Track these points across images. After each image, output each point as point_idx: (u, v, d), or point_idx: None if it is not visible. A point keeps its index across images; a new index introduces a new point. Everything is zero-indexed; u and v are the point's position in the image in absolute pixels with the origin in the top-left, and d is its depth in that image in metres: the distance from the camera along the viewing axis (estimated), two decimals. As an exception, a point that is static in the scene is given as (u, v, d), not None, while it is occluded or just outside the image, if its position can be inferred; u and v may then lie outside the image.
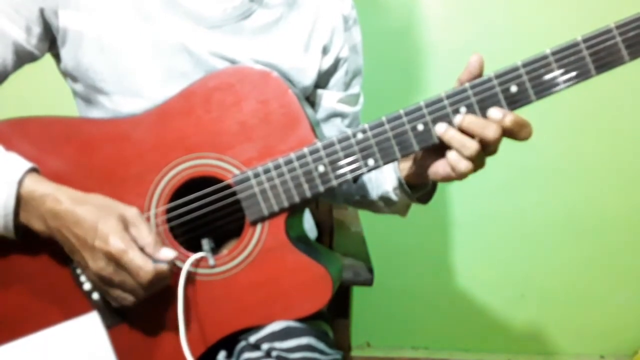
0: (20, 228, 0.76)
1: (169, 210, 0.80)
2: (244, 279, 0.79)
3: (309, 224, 1.08)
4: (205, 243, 0.79)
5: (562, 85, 0.70)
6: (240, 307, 0.79)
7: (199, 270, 0.79)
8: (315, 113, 0.95)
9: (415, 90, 1.66)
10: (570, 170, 1.72)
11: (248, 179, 0.77)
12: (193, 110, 0.78)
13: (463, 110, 0.72)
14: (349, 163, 0.76)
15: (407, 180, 0.83)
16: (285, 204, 0.77)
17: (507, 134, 0.71)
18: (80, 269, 0.78)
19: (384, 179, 0.88)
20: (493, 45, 1.59)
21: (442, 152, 0.74)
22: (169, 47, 0.85)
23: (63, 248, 0.76)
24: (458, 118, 0.71)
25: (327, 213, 1.24)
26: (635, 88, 1.63)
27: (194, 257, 0.78)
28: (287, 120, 0.77)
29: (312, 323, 0.83)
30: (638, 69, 0.78)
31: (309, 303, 0.79)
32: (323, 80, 0.95)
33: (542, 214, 1.75)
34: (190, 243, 0.81)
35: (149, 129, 0.79)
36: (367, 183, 0.93)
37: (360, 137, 0.75)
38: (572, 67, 0.69)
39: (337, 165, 0.76)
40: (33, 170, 0.76)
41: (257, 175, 0.77)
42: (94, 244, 0.71)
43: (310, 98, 0.96)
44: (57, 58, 0.90)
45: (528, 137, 0.71)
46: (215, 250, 0.81)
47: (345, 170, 0.76)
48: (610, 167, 1.71)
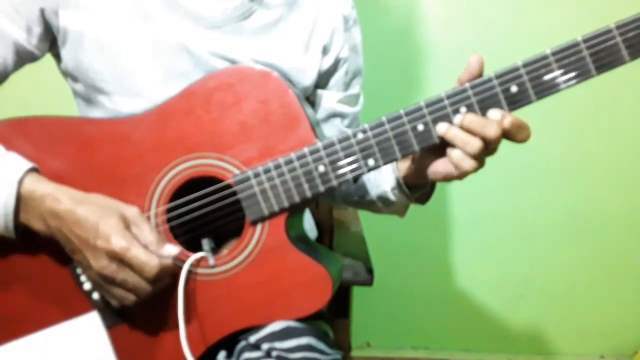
0: (21, 228, 0.76)
1: (169, 210, 0.80)
2: (244, 279, 0.79)
3: (309, 224, 1.08)
4: (206, 243, 0.79)
5: (562, 86, 0.70)
6: (240, 307, 0.79)
7: (199, 270, 0.79)
8: (315, 113, 0.95)
9: (415, 90, 1.66)
10: (570, 170, 1.72)
11: (248, 179, 0.77)
12: (193, 110, 0.78)
13: (463, 110, 0.71)
14: (349, 163, 0.76)
15: (405, 181, 0.83)
16: (286, 204, 0.77)
17: (505, 136, 0.71)
18: (81, 269, 0.78)
19: (383, 179, 0.88)
20: (493, 45, 1.59)
21: (441, 152, 0.74)
22: (169, 47, 0.85)
23: (63, 248, 0.76)
24: (458, 118, 0.71)
25: (327, 213, 1.24)
26: (635, 88, 1.63)
27: (194, 257, 0.78)
28: (287, 120, 0.77)
29: (312, 323, 0.83)
30: (638, 69, 0.78)
31: (309, 303, 0.79)
32: (323, 81, 0.95)
33: (542, 214, 1.75)
34: (191, 243, 0.81)
35: (149, 129, 0.79)
36: (366, 183, 0.93)
37: (361, 137, 0.75)
38: (572, 67, 0.69)
39: (337, 165, 0.76)
40: (33, 170, 0.76)
41: (257, 175, 0.77)
42: (96, 244, 0.71)
43: (310, 98, 0.96)
44: (57, 58, 0.90)
45: (526, 139, 0.71)
46: (216, 250, 0.81)
47: (346, 170, 0.76)
48: (610, 167, 1.71)
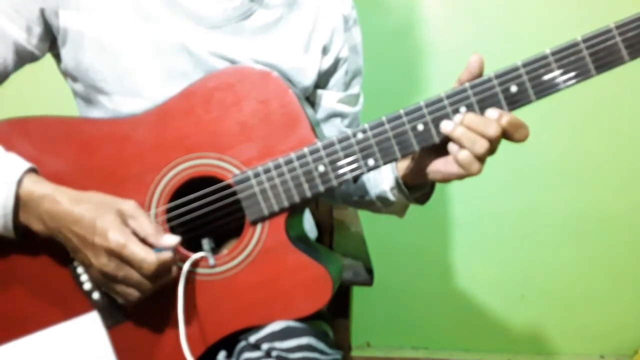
0: (20, 228, 0.76)
1: (169, 210, 0.80)
2: (244, 279, 0.79)
3: (309, 224, 1.08)
4: (206, 243, 0.79)
5: (562, 85, 0.70)
6: (240, 307, 0.79)
7: (199, 270, 0.79)
8: (315, 113, 0.95)
9: (415, 90, 1.66)
10: (570, 171, 1.72)
11: (248, 179, 0.77)
12: (193, 110, 0.78)
13: (463, 110, 0.71)
14: (349, 163, 0.76)
15: (405, 181, 0.83)
16: (286, 204, 0.77)
17: (503, 135, 0.70)
18: (83, 268, 0.78)
19: (382, 179, 0.88)
20: (493, 45, 1.59)
21: (441, 152, 0.74)
22: (169, 47, 0.85)
23: (63, 248, 0.76)
24: (458, 118, 0.71)
25: (327, 213, 1.24)
26: (635, 88, 1.63)
27: (194, 257, 0.78)
28: (287, 120, 0.77)
29: (312, 323, 0.83)
30: (638, 69, 0.78)
31: (309, 303, 0.79)
32: (323, 81, 0.95)
33: (542, 214, 1.75)
34: (191, 243, 0.80)
35: (149, 129, 0.79)
36: (365, 183, 0.93)
37: (361, 137, 0.75)
38: (572, 67, 0.69)
39: (337, 165, 0.76)
40: (32, 171, 0.76)
41: (257, 175, 0.77)
42: (94, 241, 0.72)
43: (310, 98, 0.96)
44: (57, 58, 0.90)
45: (524, 138, 0.71)
46: (216, 250, 0.81)
47: (345, 170, 0.76)
48: (610, 167, 1.71)
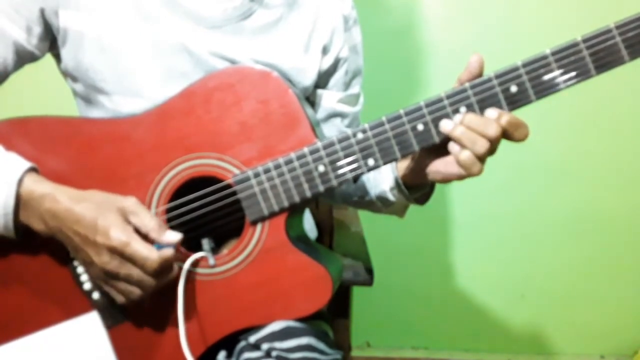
0: (21, 228, 0.76)
1: (169, 210, 0.80)
2: (244, 279, 0.79)
3: (309, 224, 1.08)
4: (206, 243, 0.79)
5: (562, 85, 0.70)
6: (240, 307, 0.79)
7: (199, 270, 0.79)
8: (315, 113, 0.95)
9: (415, 90, 1.66)
10: (570, 171, 1.72)
11: (248, 179, 0.77)
12: (193, 110, 0.78)
13: (463, 110, 0.71)
14: (349, 163, 0.76)
15: (405, 181, 0.83)
16: (286, 204, 0.77)
17: (503, 135, 0.70)
18: (84, 267, 0.78)
19: (382, 179, 0.88)
20: (493, 45, 1.59)
21: (441, 152, 0.74)
22: (169, 47, 0.85)
23: (63, 248, 0.76)
24: (458, 118, 0.71)
25: (327, 213, 1.24)
26: (635, 88, 1.63)
27: (194, 256, 0.78)
28: (287, 120, 0.77)
29: (312, 323, 0.83)
30: (638, 69, 0.78)
31: (309, 303, 0.79)
32: (323, 80, 0.95)
33: (542, 214, 1.75)
34: (190, 243, 0.80)
35: (149, 129, 0.79)
36: (365, 183, 0.93)
37: (361, 137, 0.75)
38: (572, 67, 0.69)
39: (337, 165, 0.76)
40: (32, 170, 0.76)
41: (257, 175, 0.77)
42: (96, 240, 0.72)
43: (310, 98, 0.96)
44: (57, 58, 0.90)
45: (524, 138, 0.71)
46: (216, 250, 0.81)
47: (345, 170, 0.76)
48: (610, 167, 1.71)
